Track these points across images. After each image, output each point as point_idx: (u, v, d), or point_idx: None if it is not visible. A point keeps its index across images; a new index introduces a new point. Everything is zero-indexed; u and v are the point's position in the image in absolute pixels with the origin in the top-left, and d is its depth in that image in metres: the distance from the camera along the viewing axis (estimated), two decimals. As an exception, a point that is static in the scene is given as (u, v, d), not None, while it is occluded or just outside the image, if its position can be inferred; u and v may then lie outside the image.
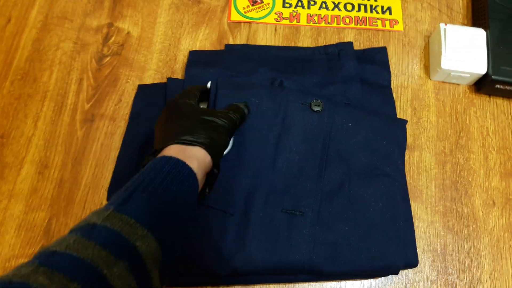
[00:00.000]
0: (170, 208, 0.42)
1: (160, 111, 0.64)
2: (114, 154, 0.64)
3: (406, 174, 0.63)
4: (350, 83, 0.66)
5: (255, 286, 0.58)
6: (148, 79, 0.68)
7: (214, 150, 0.49)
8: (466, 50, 0.67)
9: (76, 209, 0.61)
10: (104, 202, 0.61)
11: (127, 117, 0.65)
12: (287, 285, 0.58)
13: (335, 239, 0.55)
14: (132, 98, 0.67)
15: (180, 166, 0.44)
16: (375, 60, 0.70)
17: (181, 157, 0.45)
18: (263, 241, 0.54)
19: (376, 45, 0.73)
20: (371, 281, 0.59)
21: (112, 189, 0.61)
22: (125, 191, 0.41)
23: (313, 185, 0.57)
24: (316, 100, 0.60)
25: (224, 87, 0.59)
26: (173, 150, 0.47)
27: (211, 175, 0.51)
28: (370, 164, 0.59)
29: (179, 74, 0.69)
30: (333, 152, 0.59)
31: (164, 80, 0.68)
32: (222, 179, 0.55)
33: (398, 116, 0.67)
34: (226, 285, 0.57)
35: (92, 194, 0.62)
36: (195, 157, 0.47)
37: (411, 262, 0.58)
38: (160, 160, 0.45)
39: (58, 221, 0.60)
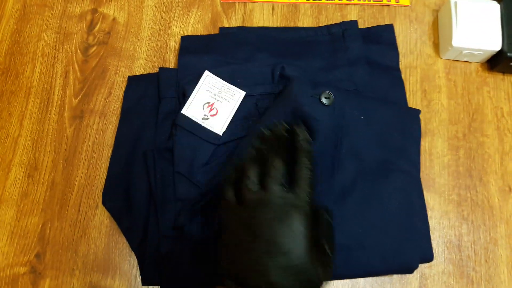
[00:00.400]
0: None
1: (153, 105, 0.60)
2: (107, 152, 0.60)
3: (417, 162, 0.59)
4: (356, 66, 0.62)
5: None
6: (139, 69, 0.64)
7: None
8: (478, 25, 0.62)
9: (70, 212, 0.58)
10: (100, 204, 0.58)
11: (118, 111, 0.61)
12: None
13: (348, 242, 0.51)
14: (122, 91, 0.62)
15: None
16: (382, 39, 0.65)
17: None
18: None
19: (381, 22, 0.68)
20: (385, 276, 0.57)
21: (107, 193, 0.58)
22: None
23: (325, 185, 0.53)
24: (326, 92, 0.55)
25: None
26: None
27: None
28: (384, 160, 0.55)
29: (171, 63, 0.64)
30: (345, 148, 0.55)
31: (156, 70, 0.63)
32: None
33: (407, 99, 0.63)
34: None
35: (87, 196, 0.58)
36: None
37: (426, 257, 0.55)
38: None
39: (52, 226, 0.57)
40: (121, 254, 0.56)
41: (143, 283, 0.55)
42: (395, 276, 0.56)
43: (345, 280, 0.56)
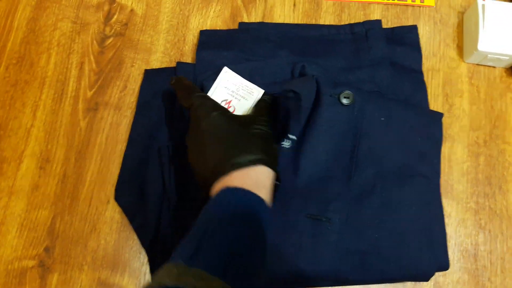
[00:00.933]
0: (244, 249, 0.38)
1: (169, 100, 0.59)
2: (120, 147, 0.59)
3: (436, 168, 0.58)
4: (378, 67, 0.60)
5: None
6: (155, 63, 0.62)
7: (274, 163, 0.45)
8: (506, 29, 0.60)
9: (81, 206, 0.57)
10: (111, 199, 0.57)
11: (133, 105, 0.60)
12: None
13: (364, 248, 0.50)
14: (138, 84, 0.61)
15: (249, 199, 0.40)
16: (405, 41, 0.63)
17: (248, 186, 0.40)
18: (286, 249, 0.50)
19: (405, 22, 0.66)
20: (398, 284, 0.55)
21: (120, 188, 0.57)
22: (193, 237, 0.37)
23: (341, 188, 0.52)
24: (346, 92, 0.54)
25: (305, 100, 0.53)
26: (237, 179, 0.42)
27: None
28: (404, 164, 0.54)
29: (189, 57, 0.63)
30: (364, 150, 0.53)
31: (173, 64, 0.62)
32: None
33: (429, 103, 0.61)
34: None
35: (98, 191, 0.57)
36: (263, 183, 0.42)
37: (442, 265, 0.54)
38: (226, 194, 0.40)
39: (62, 220, 0.56)
40: (131, 251, 0.56)
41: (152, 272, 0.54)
42: (408, 283, 0.55)
43: (357, 286, 0.55)
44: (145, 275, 0.55)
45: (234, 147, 0.44)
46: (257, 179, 0.42)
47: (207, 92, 0.56)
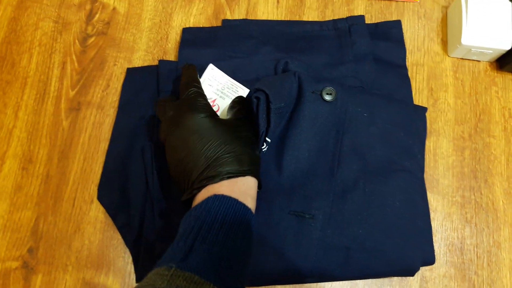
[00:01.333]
0: (233, 255, 0.38)
1: (151, 98, 0.58)
2: (103, 146, 0.58)
3: (421, 162, 0.58)
4: (362, 62, 0.60)
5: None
6: (138, 61, 0.62)
7: (258, 172, 0.45)
8: (489, 23, 0.60)
9: (65, 206, 0.56)
10: (95, 199, 0.56)
11: (116, 104, 0.60)
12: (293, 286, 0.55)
13: (348, 244, 0.50)
14: (121, 83, 0.61)
15: (238, 208, 0.40)
16: (389, 36, 0.63)
17: (236, 195, 0.41)
18: (268, 246, 0.49)
19: (389, 17, 0.66)
20: (385, 279, 0.55)
21: (102, 188, 0.56)
22: (184, 241, 0.38)
23: (324, 184, 0.52)
24: (328, 88, 0.53)
25: (274, 100, 0.51)
26: (225, 187, 0.42)
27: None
28: (387, 159, 0.53)
29: (171, 55, 0.62)
30: (347, 146, 0.53)
31: (156, 62, 0.62)
32: None
33: (413, 98, 0.61)
34: None
35: (82, 191, 0.57)
36: (249, 192, 0.43)
37: (428, 260, 0.54)
38: (215, 201, 0.40)
39: (46, 221, 0.56)
40: (115, 250, 0.55)
41: (138, 281, 0.53)
42: (395, 278, 0.55)
43: (343, 282, 0.55)
44: (130, 275, 0.54)
45: (225, 155, 0.43)
46: (244, 189, 0.43)
47: None
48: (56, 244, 0.55)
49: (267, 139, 0.51)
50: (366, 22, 0.64)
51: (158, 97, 0.58)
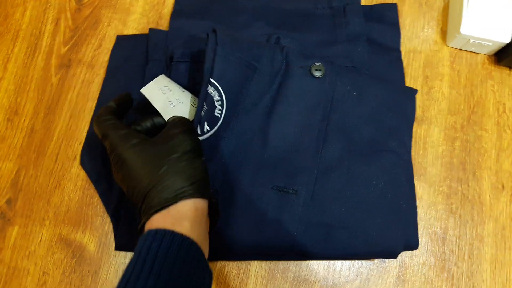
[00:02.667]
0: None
1: (140, 66, 0.57)
2: (91, 105, 0.58)
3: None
4: (355, 43, 0.59)
5: (236, 262, 0.54)
6: (133, 23, 0.62)
7: (200, 189, 0.41)
8: (490, 15, 0.59)
9: (47, 161, 0.56)
10: (78, 157, 0.56)
11: (106, 65, 0.59)
12: (270, 262, 0.54)
13: (329, 221, 0.49)
14: (113, 44, 0.60)
15: (169, 240, 0.37)
16: (384, 19, 0.62)
17: (168, 224, 0.38)
18: (249, 220, 0.49)
19: (389, 1, 0.65)
20: (363, 261, 0.55)
21: (85, 153, 0.56)
22: (129, 275, 0.36)
23: (309, 161, 0.51)
24: (317, 64, 0.53)
25: (225, 45, 0.50)
26: (156, 221, 0.39)
27: (211, 207, 0.45)
28: (373, 139, 0.52)
29: (166, 20, 0.62)
30: (333, 124, 0.52)
31: (150, 26, 0.61)
32: (209, 153, 0.48)
33: (407, 85, 0.61)
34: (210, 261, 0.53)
35: (65, 147, 0.56)
36: (185, 216, 0.40)
37: (411, 244, 0.53)
38: (145, 239, 0.38)
39: (27, 174, 0.55)
40: (95, 209, 0.55)
41: (117, 248, 0.53)
42: (374, 261, 0.55)
43: (322, 261, 0.54)
44: (107, 234, 0.54)
45: (154, 189, 0.40)
46: (177, 215, 0.40)
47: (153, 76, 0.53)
48: (35, 198, 0.55)
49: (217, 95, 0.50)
50: (362, 3, 0.64)
51: (146, 65, 0.57)
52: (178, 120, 0.46)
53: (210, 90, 0.48)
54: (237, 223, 0.48)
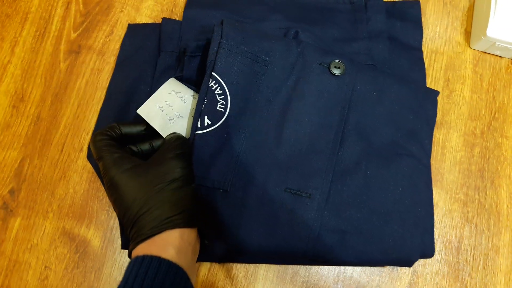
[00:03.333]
0: None
1: (152, 57, 0.56)
2: (100, 94, 0.56)
3: (429, 154, 0.55)
4: (376, 40, 0.57)
5: (244, 264, 0.52)
6: (146, 11, 0.59)
7: (186, 219, 0.42)
8: (518, 17, 0.57)
9: (52, 151, 0.54)
10: (85, 148, 0.54)
11: (117, 52, 0.57)
12: (279, 265, 0.52)
13: (344, 227, 0.47)
14: (125, 31, 0.58)
15: (155, 266, 0.38)
16: (406, 16, 0.60)
17: (153, 251, 0.39)
18: (261, 223, 0.47)
19: (412, -1, 0.63)
20: (374, 268, 0.53)
21: None
22: None
23: (324, 162, 0.49)
24: (336, 61, 0.50)
25: (230, 38, 0.49)
26: (142, 248, 0.40)
27: (201, 231, 0.45)
28: (393, 142, 0.50)
29: (181, 8, 0.60)
30: (351, 125, 0.50)
31: (164, 14, 0.59)
32: (215, 150, 0.47)
33: (428, 86, 0.58)
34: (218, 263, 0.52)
35: (72, 137, 0.55)
36: (170, 243, 0.40)
37: (426, 252, 0.51)
38: (133, 265, 0.38)
39: (31, 163, 0.54)
40: (100, 203, 0.53)
41: (123, 247, 0.52)
42: (385, 268, 0.53)
43: (332, 266, 0.53)
44: (112, 230, 0.52)
45: (142, 216, 0.41)
46: (162, 242, 0.40)
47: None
48: (39, 189, 0.53)
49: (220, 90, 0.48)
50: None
51: (158, 56, 0.55)
52: (173, 141, 0.46)
53: (212, 84, 0.47)
54: (248, 225, 0.47)
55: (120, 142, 0.46)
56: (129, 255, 0.42)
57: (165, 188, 0.42)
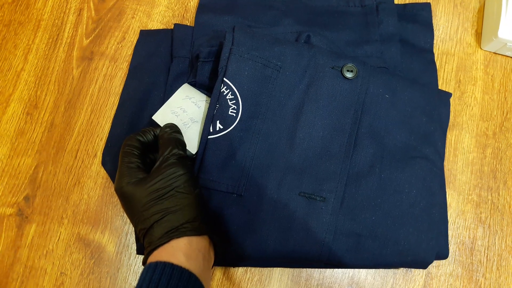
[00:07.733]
0: None
1: (164, 63, 0.56)
2: (113, 100, 0.56)
3: (441, 155, 0.55)
4: (388, 43, 0.57)
5: (259, 268, 0.52)
6: (157, 16, 0.59)
7: (193, 227, 0.42)
8: (529, 18, 0.57)
9: (66, 158, 0.54)
10: (98, 153, 0.54)
11: (130, 58, 0.57)
12: (293, 269, 0.52)
13: (359, 230, 0.47)
14: (137, 37, 0.58)
15: (169, 272, 0.39)
16: (418, 19, 0.60)
17: (164, 257, 0.40)
18: (275, 227, 0.47)
19: (423, 1, 0.63)
20: (388, 270, 0.53)
21: (106, 154, 0.54)
22: None
23: (338, 166, 0.49)
24: (349, 64, 0.51)
25: (241, 44, 0.49)
26: (153, 256, 0.41)
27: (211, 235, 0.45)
28: (407, 144, 0.51)
29: (192, 14, 0.60)
30: (365, 128, 0.50)
31: (175, 20, 0.59)
32: (228, 154, 0.47)
33: (439, 87, 0.58)
34: (233, 267, 0.52)
35: (86, 143, 0.55)
36: (179, 249, 0.41)
37: (441, 253, 0.51)
38: (147, 271, 0.39)
39: (46, 170, 0.54)
40: (114, 209, 0.53)
41: (138, 252, 0.52)
42: (399, 270, 0.53)
43: (346, 269, 0.53)
44: (127, 235, 0.52)
45: (148, 226, 0.42)
46: (171, 250, 0.41)
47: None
48: (54, 195, 0.53)
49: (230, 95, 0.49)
50: (395, 2, 0.61)
51: (171, 62, 0.56)
52: (168, 147, 0.45)
53: (223, 89, 0.48)
54: (262, 229, 0.47)
55: (148, 148, 0.47)
56: (144, 264, 0.42)
57: (167, 197, 0.42)
